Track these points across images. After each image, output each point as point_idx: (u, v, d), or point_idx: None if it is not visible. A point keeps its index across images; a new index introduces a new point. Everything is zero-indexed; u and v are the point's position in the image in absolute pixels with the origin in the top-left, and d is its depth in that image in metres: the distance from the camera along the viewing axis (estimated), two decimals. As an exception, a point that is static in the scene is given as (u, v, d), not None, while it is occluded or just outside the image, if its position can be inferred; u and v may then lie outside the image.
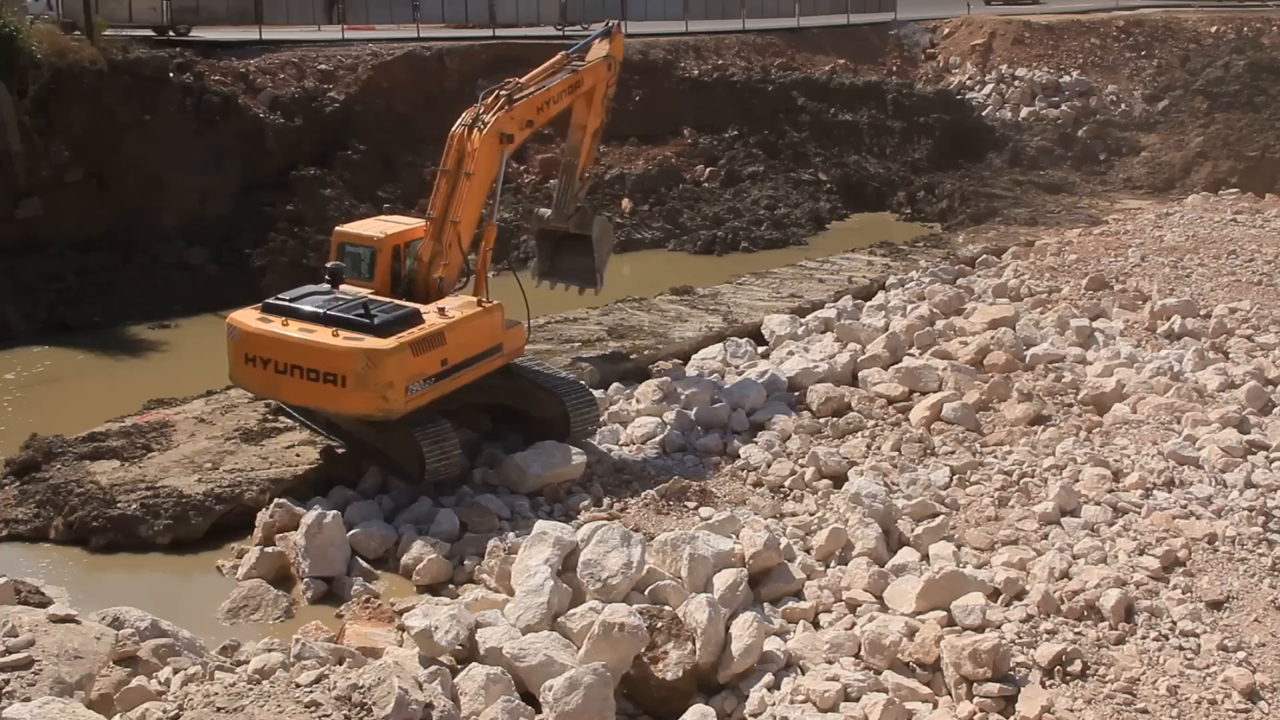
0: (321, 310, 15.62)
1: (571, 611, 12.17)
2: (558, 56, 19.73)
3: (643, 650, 11.26)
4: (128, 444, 17.35)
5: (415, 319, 15.71)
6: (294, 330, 15.47)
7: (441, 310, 16.19)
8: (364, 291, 16.73)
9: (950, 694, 11.11)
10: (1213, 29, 49.81)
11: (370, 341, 15.03)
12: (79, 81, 27.59)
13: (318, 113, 31.86)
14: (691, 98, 39.77)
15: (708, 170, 37.66)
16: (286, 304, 15.98)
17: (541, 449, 16.41)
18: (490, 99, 17.80)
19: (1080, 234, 31.74)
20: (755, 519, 14.59)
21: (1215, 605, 12.31)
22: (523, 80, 18.67)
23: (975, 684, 10.92)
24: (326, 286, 16.52)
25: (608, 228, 21.60)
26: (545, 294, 21.29)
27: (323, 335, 15.25)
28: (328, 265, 17.09)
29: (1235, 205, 34.86)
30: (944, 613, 12.06)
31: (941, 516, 14.51)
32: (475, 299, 16.97)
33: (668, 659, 11.28)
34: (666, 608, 11.97)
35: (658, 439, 17.75)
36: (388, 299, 16.40)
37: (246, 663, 10.94)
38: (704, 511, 15.34)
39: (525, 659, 11.34)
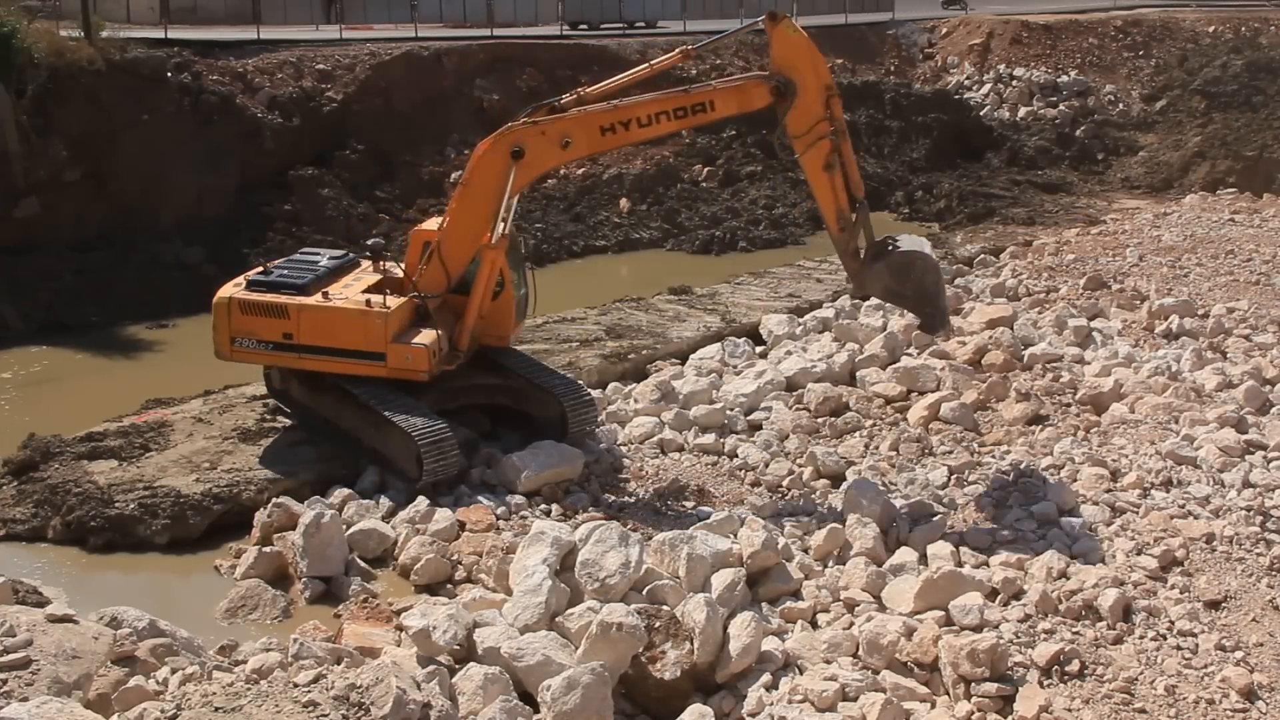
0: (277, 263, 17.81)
1: (570, 611, 12.18)
2: (674, 54, 16.71)
3: (641, 650, 11.27)
4: (126, 444, 17.34)
5: (293, 290, 16.64)
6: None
7: (325, 294, 16.62)
8: (397, 273, 17.47)
9: (948, 694, 11.12)
10: (1210, 29, 49.88)
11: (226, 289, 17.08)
12: (77, 81, 27.59)
13: (315, 112, 31.86)
14: (690, 97, 39.69)
15: (706, 170, 37.66)
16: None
17: (539, 449, 16.41)
18: (540, 109, 16.18)
19: (1078, 234, 31.74)
20: (753, 519, 14.58)
21: (1213, 605, 12.32)
22: (592, 89, 16.38)
23: (973, 684, 10.92)
24: (342, 253, 18.46)
25: (905, 267, 15.55)
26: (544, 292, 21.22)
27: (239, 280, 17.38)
28: (368, 242, 18.56)
29: (1233, 205, 34.87)
30: (942, 612, 12.07)
31: (939, 516, 14.52)
32: (366, 299, 16.47)
33: (666, 659, 11.29)
34: (664, 607, 11.97)
35: (656, 439, 17.74)
36: (304, 269, 17.33)
37: (244, 662, 10.93)
38: (702, 511, 15.36)
39: (523, 659, 11.34)
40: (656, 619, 11.63)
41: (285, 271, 17.21)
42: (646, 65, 16.68)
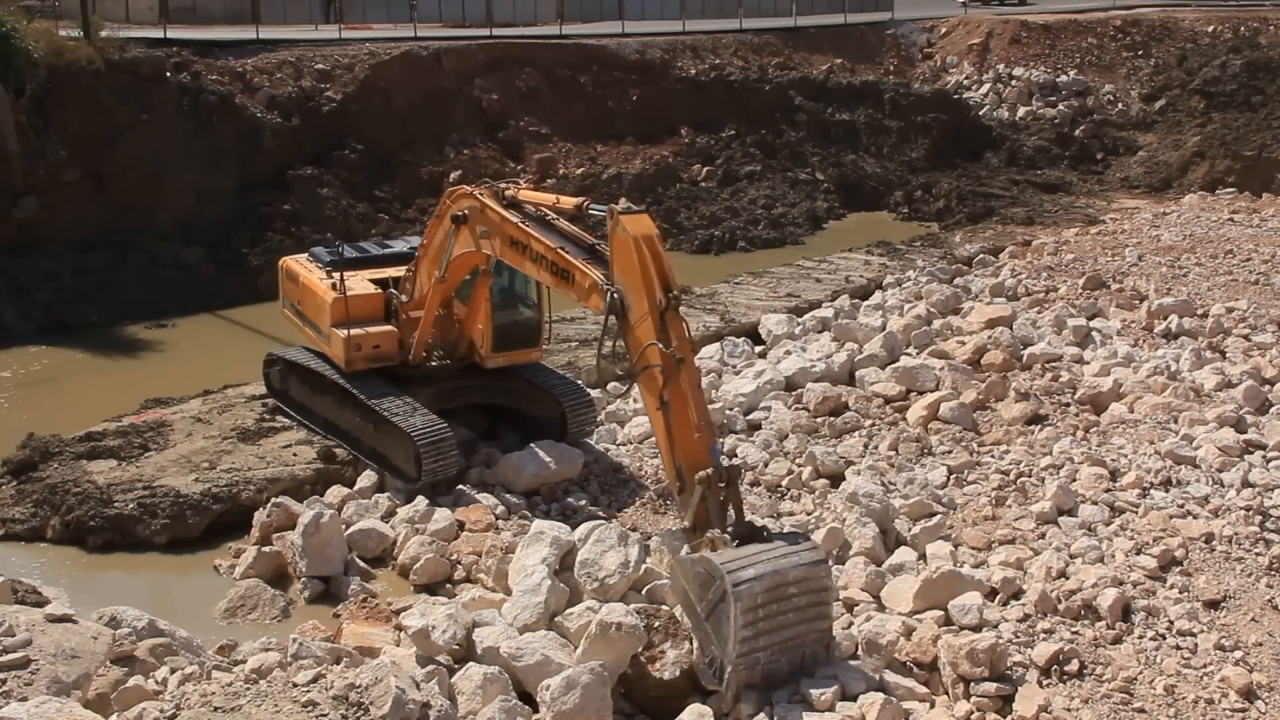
0: None
1: (569, 611, 12.18)
2: (575, 200, 14.60)
3: (640, 649, 11.26)
4: (125, 443, 17.35)
5: (320, 265, 17.93)
6: None
7: (329, 273, 17.49)
8: None
9: (947, 693, 11.12)
10: (1209, 28, 49.91)
11: None
12: (76, 81, 27.58)
13: (315, 112, 31.84)
14: (689, 97, 39.79)
15: (705, 170, 37.66)
16: None
17: (538, 449, 16.40)
18: (486, 188, 15.28)
19: (1077, 233, 31.76)
20: (752, 519, 14.56)
21: (1212, 605, 12.31)
22: (523, 196, 14.94)
23: (972, 683, 10.92)
24: None
25: (704, 580, 11.00)
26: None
27: None
28: None
29: (1232, 205, 34.89)
30: (941, 612, 12.06)
31: (939, 516, 14.50)
32: (334, 284, 17.00)
33: (665, 658, 11.28)
34: (664, 607, 11.96)
35: (655, 439, 17.70)
36: (362, 250, 18.82)
37: (244, 662, 10.92)
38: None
39: (522, 658, 11.34)
40: (656, 619, 11.62)
41: (343, 249, 18.18)
42: (553, 198, 14.96)
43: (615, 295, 12.39)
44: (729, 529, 11.41)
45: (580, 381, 18.63)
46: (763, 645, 10.76)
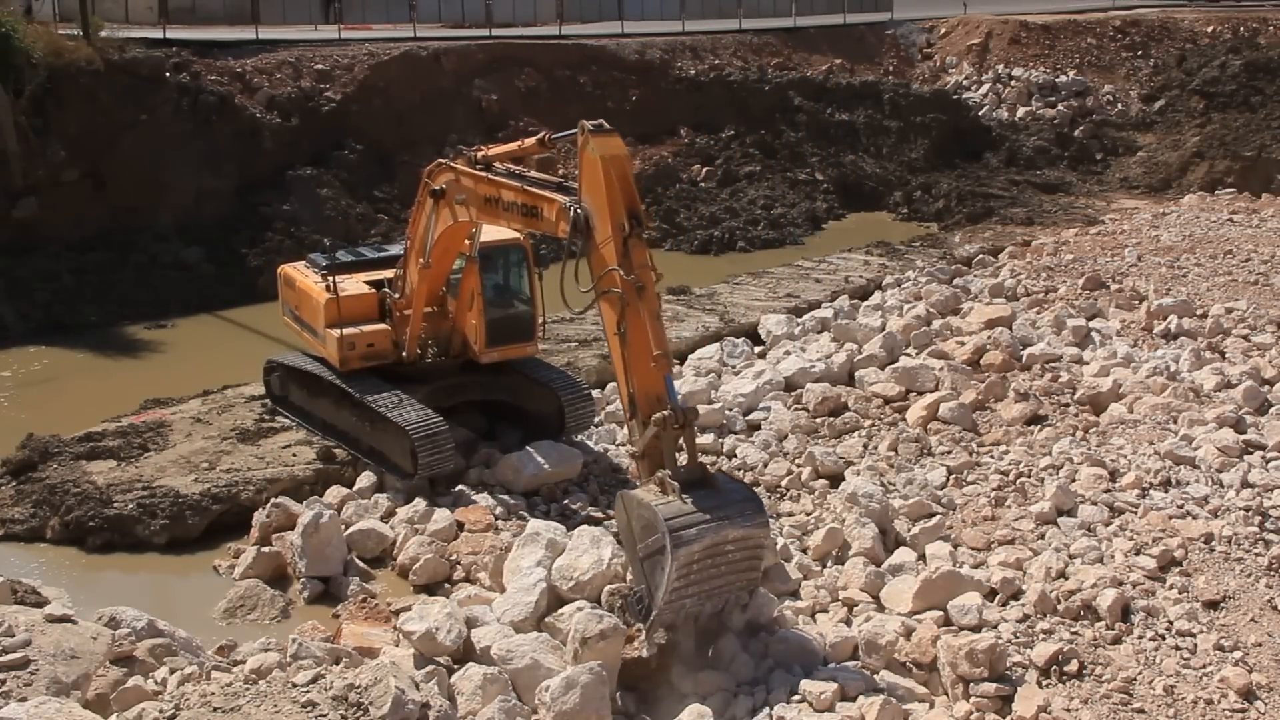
0: None
1: (560, 612, 12.22)
2: (533, 141, 14.75)
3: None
4: (124, 444, 17.36)
5: (317, 269, 17.89)
6: None
7: (325, 275, 17.35)
8: None
9: (947, 694, 11.13)
10: (1209, 29, 49.91)
11: None
12: (75, 81, 27.61)
13: (314, 112, 31.85)
14: (688, 98, 39.81)
15: (704, 170, 37.66)
16: None
17: (538, 449, 16.40)
18: (460, 157, 15.43)
19: (1077, 234, 31.75)
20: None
21: (1212, 605, 12.32)
22: (494, 151, 14.92)
23: (972, 684, 10.93)
24: None
25: (648, 526, 11.03)
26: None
27: None
28: None
29: (1231, 205, 34.88)
30: (940, 612, 12.07)
31: (938, 516, 14.51)
32: (327, 286, 16.90)
33: (639, 637, 11.32)
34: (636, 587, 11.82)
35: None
36: (360, 253, 18.93)
37: (243, 662, 10.93)
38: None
39: (513, 661, 11.33)
40: (630, 596, 11.57)
41: (340, 254, 18.42)
42: (517, 144, 15.19)
43: (579, 212, 12.21)
44: (679, 471, 11.27)
45: (580, 379, 18.63)
46: (691, 593, 11.03)
